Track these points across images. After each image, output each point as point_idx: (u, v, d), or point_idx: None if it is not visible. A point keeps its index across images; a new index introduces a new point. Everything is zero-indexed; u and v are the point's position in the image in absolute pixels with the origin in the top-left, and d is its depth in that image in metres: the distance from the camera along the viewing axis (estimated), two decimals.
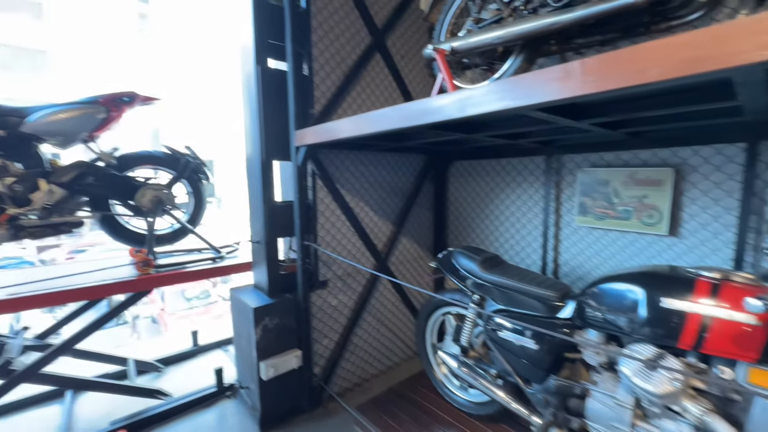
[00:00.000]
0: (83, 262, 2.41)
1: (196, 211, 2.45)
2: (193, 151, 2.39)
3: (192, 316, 10.64)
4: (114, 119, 2.04)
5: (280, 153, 2.04)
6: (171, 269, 2.16)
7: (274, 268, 2.09)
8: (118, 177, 2.09)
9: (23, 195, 1.83)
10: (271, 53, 1.98)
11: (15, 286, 1.76)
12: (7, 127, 1.79)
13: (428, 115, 1.17)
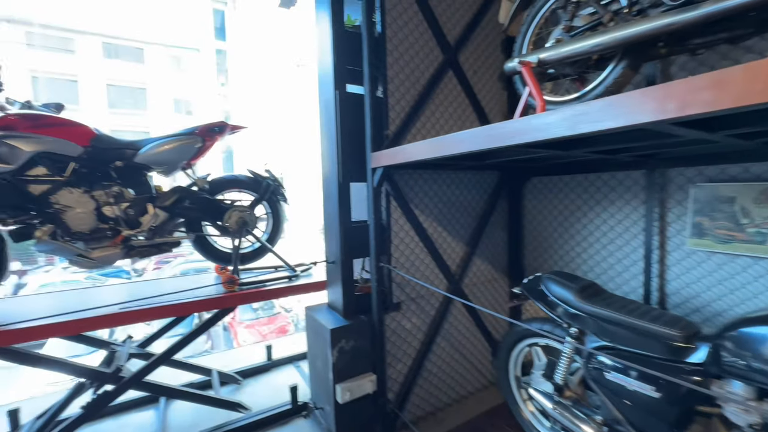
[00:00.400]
0: (174, 278, 2.64)
1: (274, 230, 2.57)
2: (272, 174, 2.52)
3: (257, 326, 11.27)
4: (208, 148, 2.23)
5: (356, 174, 2.06)
6: (253, 287, 2.27)
7: (349, 288, 2.10)
8: (210, 200, 2.27)
9: (135, 218, 2.05)
10: (349, 78, 2.03)
11: (123, 303, 1.94)
12: (123, 159, 2.04)
13: (528, 134, 1.08)
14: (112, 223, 2.00)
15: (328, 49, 1.99)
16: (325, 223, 2.23)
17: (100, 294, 2.25)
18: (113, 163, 2.01)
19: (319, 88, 2.17)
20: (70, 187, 1.89)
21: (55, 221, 1.87)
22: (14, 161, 1.73)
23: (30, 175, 1.81)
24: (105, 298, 2.16)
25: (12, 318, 1.77)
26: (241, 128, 2.41)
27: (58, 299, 2.15)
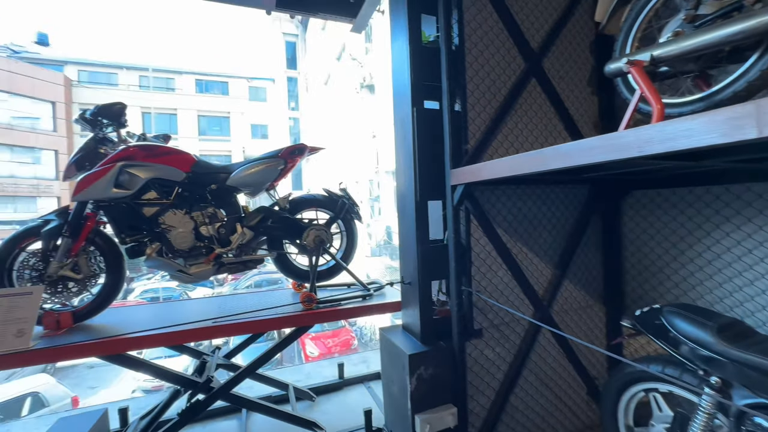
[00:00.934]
0: (255, 293, 2.77)
1: (348, 248, 2.58)
2: (347, 192, 2.55)
3: (323, 339, 11.58)
4: (289, 169, 2.34)
5: (433, 192, 1.98)
6: (329, 306, 2.28)
7: (427, 312, 1.99)
8: (290, 219, 2.36)
9: (226, 237, 2.20)
10: (426, 94, 1.99)
11: (215, 319, 2.06)
12: (217, 182, 2.21)
13: (666, 143, 0.91)
14: (207, 241, 2.17)
15: (405, 66, 1.97)
16: (400, 243, 2.17)
17: (191, 307, 2.43)
18: (209, 186, 2.19)
19: (394, 105, 2.15)
20: (175, 209, 2.09)
21: (161, 240, 2.08)
22: (132, 187, 1.97)
23: (144, 199, 2.04)
24: (196, 310, 2.33)
25: (125, 327, 1.98)
26: (320, 149, 2.49)
27: (157, 310, 2.37)
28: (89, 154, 1.99)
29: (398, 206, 2.18)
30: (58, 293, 1.96)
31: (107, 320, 2.11)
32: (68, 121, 22.22)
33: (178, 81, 26.67)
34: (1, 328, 1.69)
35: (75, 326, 2.00)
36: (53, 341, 1.78)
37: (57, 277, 1.93)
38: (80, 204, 1.95)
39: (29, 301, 1.78)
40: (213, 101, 26.14)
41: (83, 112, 1.97)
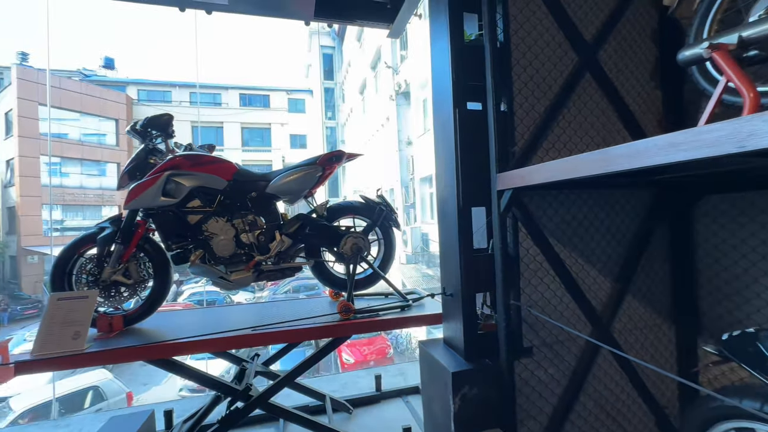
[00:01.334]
0: (292, 301, 2.77)
1: (386, 256, 2.51)
2: (384, 199, 2.49)
3: (358, 346, 11.57)
4: (327, 176, 2.32)
5: (477, 198, 1.86)
6: (367, 316, 2.21)
7: (471, 327, 1.86)
8: (328, 227, 2.32)
9: (265, 244, 2.21)
10: (469, 95, 1.88)
11: (256, 327, 2.05)
12: (257, 190, 2.23)
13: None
14: (247, 248, 2.18)
15: (446, 66, 1.88)
16: (441, 252, 2.06)
17: (232, 313, 2.47)
18: (249, 194, 2.22)
19: (434, 107, 2.07)
20: (217, 217, 2.13)
21: (204, 247, 2.12)
22: (178, 195, 2.03)
23: (188, 207, 2.09)
24: (236, 317, 2.36)
25: (171, 332, 2.02)
26: (357, 156, 2.46)
27: (200, 316, 2.42)
28: (140, 164, 2.08)
29: (439, 213, 2.08)
30: (111, 297, 2.05)
31: (155, 324, 2.18)
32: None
33: (224, 96, 28.40)
34: (60, 330, 1.78)
35: (125, 329, 2.08)
36: (105, 344, 1.85)
37: (110, 281, 2.02)
38: (131, 212, 2.04)
39: (85, 305, 1.87)
40: (255, 114, 27.52)
41: (134, 123, 2.07)
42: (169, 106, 26.52)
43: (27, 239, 20.55)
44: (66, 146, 22.07)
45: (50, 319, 1.80)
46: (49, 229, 20.80)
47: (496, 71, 1.77)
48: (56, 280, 1.98)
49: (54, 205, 21.28)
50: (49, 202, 20.85)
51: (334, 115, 30.40)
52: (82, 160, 22.79)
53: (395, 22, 3.24)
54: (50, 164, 21.19)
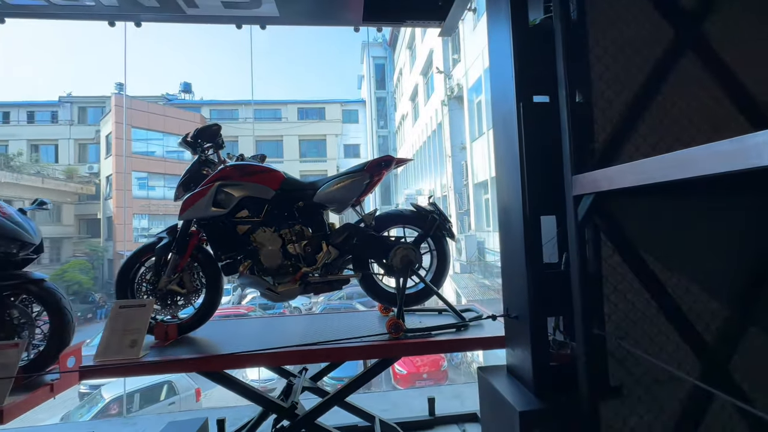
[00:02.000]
0: (341, 314, 2.66)
1: (439, 270, 2.30)
2: (436, 206, 2.29)
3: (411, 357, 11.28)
4: (376, 183, 2.18)
5: (546, 205, 1.59)
6: (419, 336, 2.01)
7: (541, 355, 1.58)
8: (376, 237, 2.18)
9: (312, 255, 2.13)
10: (536, 86, 1.63)
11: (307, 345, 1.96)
12: (304, 199, 2.16)
13: None
14: (294, 259, 2.12)
15: (507, 55, 1.65)
16: (504, 266, 1.81)
17: (282, 325, 2.42)
18: (297, 203, 2.16)
19: (493, 103, 1.84)
20: (265, 227, 2.10)
21: (252, 257, 2.09)
22: (228, 205, 2.03)
23: (237, 218, 2.09)
24: (286, 329, 2.30)
25: (222, 343, 2.01)
26: (407, 161, 2.30)
27: (250, 326, 2.40)
28: (193, 175, 2.12)
29: (500, 222, 1.83)
30: (167, 306, 2.10)
31: (207, 333, 2.20)
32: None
33: (283, 111, 30.23)
34: (119, 337, 1.84)
35: (180, 338, 2.11)
36: (159, 353, 1.88)
37: (166, 290, 2.07)
38: (185, 222, 2.08)
39: (142, 313, 1.92)
40: (312, 126, 28.89)
41: (185, 135, 2.13)
42: (236, 123, 28.88)
43: (121, 245, 23.49)
44: (153, 163, 25.01)
45: (112, 325, 1.87)
46: (139, 235, 23.67)
47: (569, 56, 1.50)
48: (120, 287, 2.08)
49: (142, 215, 24.17)
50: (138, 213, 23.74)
51: (386, 124, 30.79)
52: (164, 174, 25.63)
53: (447, 19, 3.06)
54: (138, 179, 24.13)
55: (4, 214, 1.97)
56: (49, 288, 1.98)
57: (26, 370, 1.88)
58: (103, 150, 26.19)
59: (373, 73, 30.82)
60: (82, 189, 26.32)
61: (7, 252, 1.93)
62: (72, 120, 29.23)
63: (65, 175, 25.65)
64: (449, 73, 14.48)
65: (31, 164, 24.88)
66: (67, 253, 25.34)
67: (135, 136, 24.52)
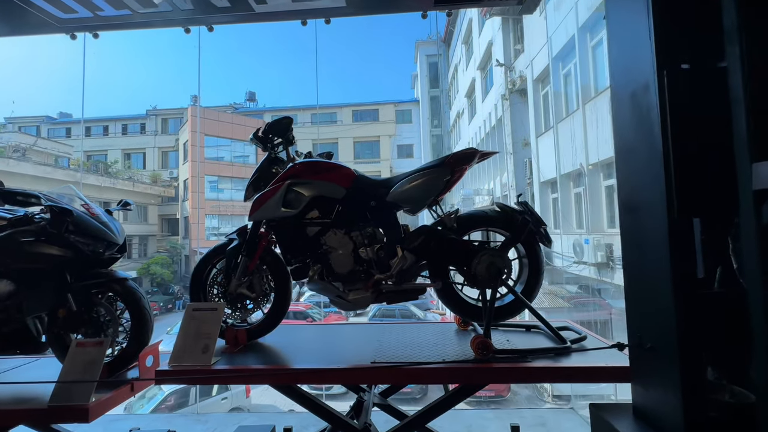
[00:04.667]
0: (413, 324, 2.42)
1: (531, 280, 1.96)
2: (528, 207, 1.95)
3: None
4: (457, 179, 1.92)
5: (706, 204, 1.20)
6: (511, 360, 1.70)
7: (695, 401, 1.19)
8: (458, 242, 1.91)
9: (385, 260, 1.91)
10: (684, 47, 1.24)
11: (375, 364, 1.75)
12: (377, 198, 1.96)
13: None
14: (365, 265, 1.92)
15: (642, 6, 1.28)
16: (630, 282, 1.44)
17: (350, 334, 2.25)
18: (369, 203, 1.96)
19: (613, 74, 1.48)
20: (335, 229, 1.93)
21: (322, 261, 1.94)
22: (298, 205, 1.89)
23: (307, 219, 1.94)
24: (355, 339, 2.12)
25: (290, 353, 1.88)
26: (492, 154, 2.00)
27: (318, 334, 2.26)
28: (263, 174, 2.03)
29: (624, 225, 1.46)
30: (237, 310, 2.03)
31: (276, 340, 2.09)
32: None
33: (339, 114, 31.03)
34: (192, 342, 1.78)
35: (249, 344, 2.02)
36: (230, 361, 1.79)
37: (236, 294, 1.99)
38: (255, 224, 1.99)
39: (214, 317, 1.85)
40: (366, 128, 29.29)
41: (256, 130, 2.03)
42: (296, 127, 30.20)
43: (195, 242, 25.78)
44: (222, 167, 27.13)
45: (186, 329, 1.83)
46: (211, 234, 25.86)
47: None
48: (194, 289, 2.05)
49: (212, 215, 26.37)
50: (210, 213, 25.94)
51: (440, 123, 30.16)
52: (232, 178, 27.66)
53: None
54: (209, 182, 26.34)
55: (92, 214, 2.03)
56: (131, 287, 2.00)
57: (109, 367, 1.91)
58: (181, 156, 28.96)
59: (427, 71, 30.35)
60: (164, 192, 29.37)
61: (95, 251, 1.99)
62: (156, 130, 32.83)
63: (151, 180, 28.80)
64: (510, 66, 13.62)
65: (124, 170, 28.35)
66: (152, 249, 28.42)
67: (207, 143, 26.76)
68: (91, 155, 30.62)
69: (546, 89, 10.99)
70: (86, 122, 33.18)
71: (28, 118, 32.72)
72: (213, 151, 27.23)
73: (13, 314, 1.91)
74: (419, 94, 31.30)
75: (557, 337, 1.86)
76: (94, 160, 28.73)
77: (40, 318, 1.95)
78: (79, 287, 1.95)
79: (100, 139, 32.87)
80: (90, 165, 25.98)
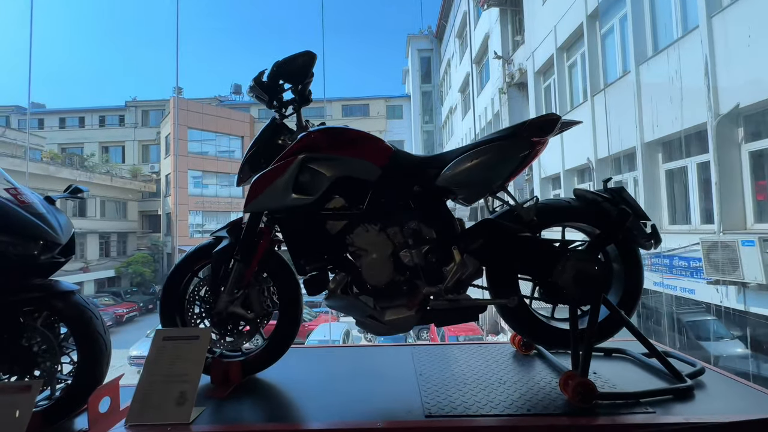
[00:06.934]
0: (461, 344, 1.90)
1: (631, 292, 1.46)
2: (622, 194, 1.45)
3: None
4: (536, 155, 1.40)
5: None
6: (625, 410, 1.19)
7: None
8: (538, 241, 1.40)
9: (437, 267, 1.38)
10: None
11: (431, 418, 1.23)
12: (422, 182, 1.43)
13: None
14: (409, 273, 1.39)
15: None
16: None
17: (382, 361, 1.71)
18: (410, 188, 1.43)
19: None
20: (367, 223, 1.39)
21: (347, 269, 1.40)
22: (315, 190, 1.34)
23: (327, 209, 1.40)
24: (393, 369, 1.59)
25: (306, 397, 1.34)
26: (576, 123, 1.49)
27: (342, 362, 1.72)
28: (265, 146, 1.46)
29: None
30: (229, 335, 1.47)
31: (281, 374, 1.54)
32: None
33: (328, 108, 30.23)
34: (162, 389, 1.22)
35: (244, 381, 1.47)
36: (219, 416, 1.23)
37: (226, 313, 1.43)
38: (253, 216, 1.43)
39: (195, 350, 1.29)
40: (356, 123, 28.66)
41: (259, 75, 1.44)
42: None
43: (179, 239, 24.68)
44: (207, 162, 26.04)
45: (152, 368, 1.26)
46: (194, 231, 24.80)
47: None
48: (165, 309, 1.48)
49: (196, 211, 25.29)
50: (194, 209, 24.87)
51: (431, 119, 29.74)
52: (216, 173, 26.60)
53: None
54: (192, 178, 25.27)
55: (21, 203, 1.43)
56: (78, 303, 1.41)
57: (44, 414, 1.34)
58: (163, 150, 27.69)
59: (419, 66, 29.84)
60: (145, 187, 28.05)
61: (25, 254, 1.39)
62: (136, 123, 31.35)
63: (131, 174, 27.46)
64: (509, 58, 13.23)
65: (102, 164, 26.90)
66: (132, 246, 27.12)
67: (191, 136, 25.60)
68: (65, 148, 29.02)
69: (548, 82, 10.61)
70: (61, 113, 31.45)
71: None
72: (197, 145, 26.10)
73: None
74: (410, 89, 30.76)
75: (670, 371, 1.37)
76: (68, 152, 27.19)
77: None
78: (1, 306, 1.36)
79: (76, 131, 31.19)
80: (64, 158, 24.50)
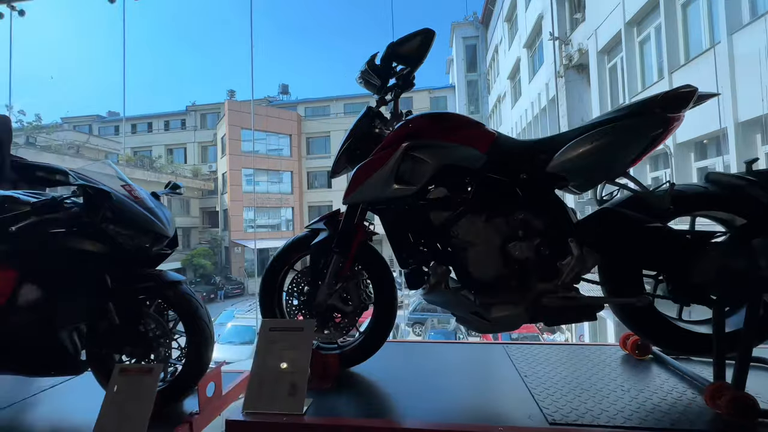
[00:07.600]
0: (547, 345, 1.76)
1: None
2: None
3: None
4: (670, 133, 1.23)
5: None
6: None
7: None
8: (673, 232, 1.23)
9: (550, 261, 1.27)
10: None
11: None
12: (530, 169, 1.31)
13: None
14: (518, 267, 1.29)
15: None
16: None
17: (484, 359, 1.63)
18: (517, 175, 1.32)
19: None
20: (472, 215, 1.30)
21: (449, 262, 1.33)
22: (418, 180, 1.28)
23: (429, 199, 1.33)
24: (488, 368, 1.50)
25: (407, 391, 1.30)
26: (713, 95, 1.28)
27: (440, 354, 1.66)
28: (361, 136, 1.43)
29: None
30: (327, 328, 1.47)
31: (376, 367, 1.52)
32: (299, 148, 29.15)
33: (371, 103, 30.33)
34: (274, 379, 1.24)
35: (342, 373, 1.47)
36: (327, 406, 1.23)
37: (326, 306, 1.43)
38: (351, 208, 1.40)
39: (301, 341, 1.30)
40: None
41: (371, 58, 1.39)
42: (328, 118, 29.96)
43: (234, 234, 26.28)
44: (258, 160, 27.40)
45: (263, 359, 1.28)
46: (248, 226, 26.32)
47: None
48: (265, 299, 1.51)
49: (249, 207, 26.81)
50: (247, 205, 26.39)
51: (477, 108, 28.73)
52: (267, 170, 27.90)
53: None
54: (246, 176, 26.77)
55: (136, 198, 1.52)
56: (186, 293, 1.49)
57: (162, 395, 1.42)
58: (219, 150, 29.54)
59: (464, 54, 28.88)
60: (204, 185, 30.15)
61: (140, 246, 1.49)
62: (196, 126, 33.73)
63: (192, 174, 29.66)
64: (566, 39, 12.31)
65: (167, 165, 29.34)
66: (195, 241, 29.37)
67: (244, 136, 27.04)
68: (137, 151, 31.99)
69: (614, 61, 9.72)
70: (132, 120, 34.67)
71: (81, 117, 34.70)
72: (248, 144, 27.50)
73: (43, 328, 1.46)
74: (455, 79, 29.90)
75: None
76: (139, 155, 29.96)
77: (76, 330, 1.50)
78: (123, 293, 1.47)
79: (145, 135, 34.25)
80: (136, 160, 27.06)
